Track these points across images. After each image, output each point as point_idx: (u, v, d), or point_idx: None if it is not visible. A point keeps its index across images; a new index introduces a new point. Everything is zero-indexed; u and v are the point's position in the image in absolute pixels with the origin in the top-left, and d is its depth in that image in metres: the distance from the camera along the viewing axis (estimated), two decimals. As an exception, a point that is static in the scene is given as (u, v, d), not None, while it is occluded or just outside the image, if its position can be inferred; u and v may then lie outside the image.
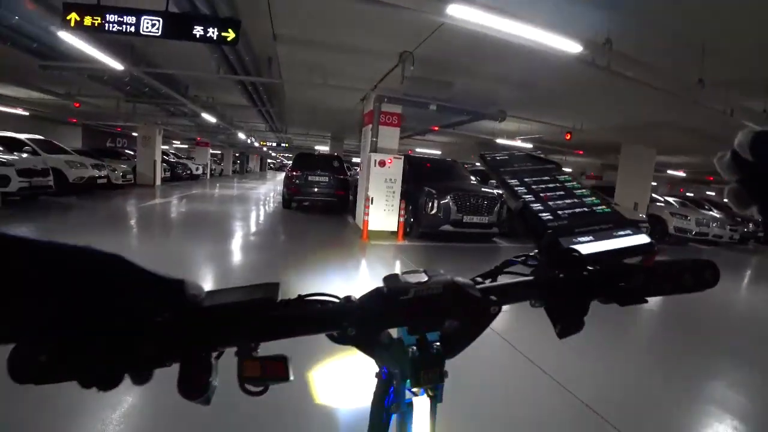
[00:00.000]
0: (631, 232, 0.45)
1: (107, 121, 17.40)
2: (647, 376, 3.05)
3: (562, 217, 0.46)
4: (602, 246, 0.43)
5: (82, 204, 9.66)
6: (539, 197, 0.49)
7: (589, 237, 0.44)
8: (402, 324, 0.42)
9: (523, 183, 0.51)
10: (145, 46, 7.20)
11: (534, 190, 0.50)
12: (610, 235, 0.45)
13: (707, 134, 9.41)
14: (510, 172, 0.53)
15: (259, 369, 0.38)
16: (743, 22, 4.26)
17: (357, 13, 4.72)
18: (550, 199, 0.49)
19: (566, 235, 0.43)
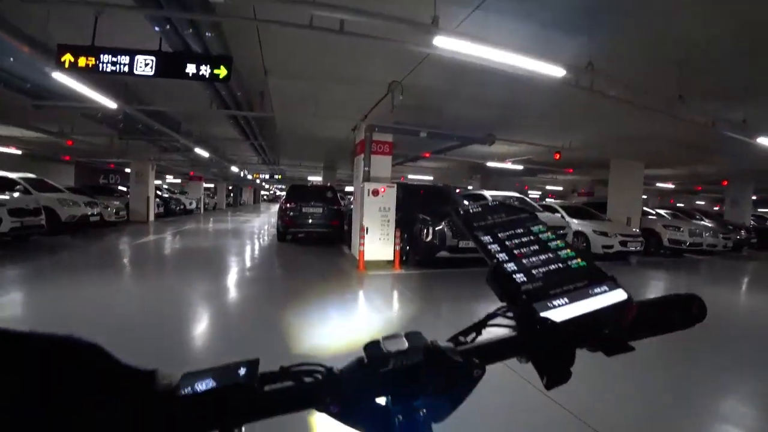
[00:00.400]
0: (607, 288, 0.44)
1: (100, 158, 17.47)
2: (657, 391, 3.00)
3: (536, 277, 0.45)
4: (578, 308, 0.42)
5: (74, 243, 9.57)
6: (513, 255, 0.48)
7: (564, 299, 0.42)
8: (385, 394, 0.41)
9: (497, 239, 0.50)
10: (137, 84, 7.32)
11: (507, 246, 0.49)
12: (586, 293, 0.43)
13: (692, 145, 9.64)
14: (483, 228, 0.52)
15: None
16: (713, 37, 4.44)
17: (345, 45, 4.85)
18: (524, 256, 0.48)
19: (541, 298, 0.42)
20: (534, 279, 0.44)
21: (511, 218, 0.54)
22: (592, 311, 0.42)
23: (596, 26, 4.34)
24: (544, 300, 0.42)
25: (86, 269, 6.83)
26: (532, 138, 10.53)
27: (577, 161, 14.02)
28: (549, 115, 8.19)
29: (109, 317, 4.22)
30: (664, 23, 4.24)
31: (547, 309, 0.41)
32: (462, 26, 4.21)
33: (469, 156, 13.47)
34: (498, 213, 0.55)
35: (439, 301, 5.78)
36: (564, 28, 4.36)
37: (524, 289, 0.43)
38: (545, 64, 4.26)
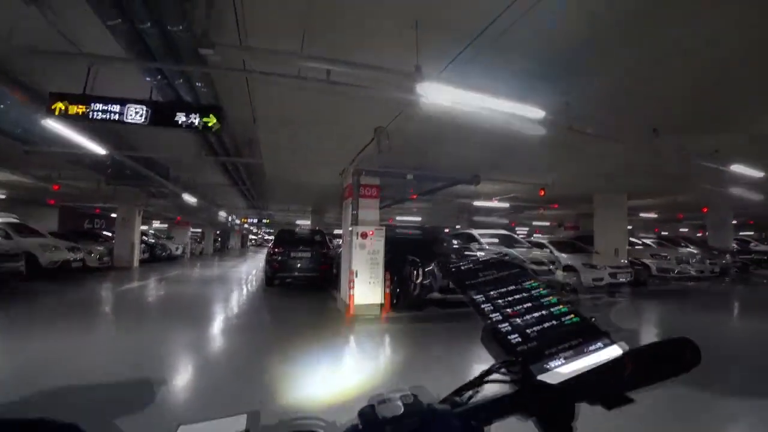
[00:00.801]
0: (602, 345, 0.44)
1: (86, 202, 17.33)
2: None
3: (531, 337, 0.45)
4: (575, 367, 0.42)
5: (51, 289, 9.29)
6: (506, 314, 0.48)
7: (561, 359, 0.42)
8: None
9: (489, 298, 0.50)
10: (128, 130, 7.41)
11: (500, 305, 0.49)
12: (581, 351, 0.43)
13: (670, 176, 9.95)
14: (475, 287, 0.52)
15: None
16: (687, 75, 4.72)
17: (333, 94, 5.02)
18: (518, 315, 0.48)
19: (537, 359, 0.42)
20: (529, 339, 0.44)
21: (503, 274, 0.54)
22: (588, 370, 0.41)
23: (572, 70, 4.59)
24: (540, 362, 0.42)
25: (59, 318, 6.58)
26: (517, 177, 10.78)
27: (562, 197, 14.31)
28: (532, 155, 8.44)
29: (76, 371, 4.03)
30: (635, 65, 4.51)
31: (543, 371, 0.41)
32: (444, 73, 4.41)
33: (456, 195, 13.67)
34: (489, 270, 0.55)
35: (433, 347, 5.64)
36: (541, 73, 4.59)
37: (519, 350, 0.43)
38: (525, 107, 4.46)
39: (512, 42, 4.00)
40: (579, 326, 0.46)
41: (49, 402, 3.08)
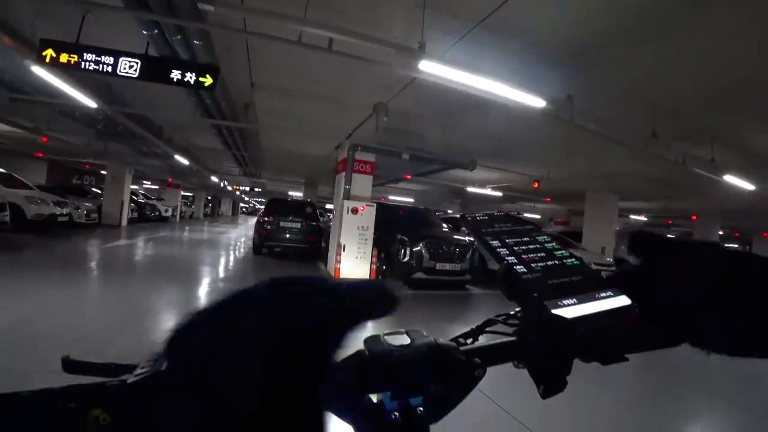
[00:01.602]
0: (612, 294, 0.45)
1: (76, 157, 17.01)
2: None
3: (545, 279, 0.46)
4: (585, 309, 0.42)
5: (37, 242, 9.19)
6: (522, 259, 0.48)
7: (573, 300, 0.43)
8: (384, 390, 0.39)
9: (505, 244, 0.50)
10: (121, 86, 7.22)
11: (516, 251, 0.49)
12: (592, 297, 0.44)
13: (664, 181, 10.04)
14: (491, 233, 0.52)
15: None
16: (686, 80, 4.71)
17: (333, 65, 4.93)
18: (533, 261, 0.48)
19: (550, 298, 0.43)
20: (543, 281, 0.45)
21: (517, 228, 0.54)
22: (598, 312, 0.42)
23: (577, 63, 4.55)
24: (553, 300, 0.42)
25: (44, 270, 6.54)
26: (513, 166, 10.78)
27: (555, 191, 14.40)
28: (530, 145, 8.43)
29: (61, 323, 4.04)
30: (640, 67, 4.48)
31: (557, 307, 0.41)
32: (448, 54, 4.34)
33: (450, 180, 13.66)
34: (504, 222, 0.55)
35: (415, 323, 5.68)
36: (546, 62, 4.55)
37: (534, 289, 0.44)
38: (527, 95, 4.41)
39: (519, 28, 3.94)
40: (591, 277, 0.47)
41: (27, 353, 3.08)
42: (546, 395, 0.41)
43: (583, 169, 10.50)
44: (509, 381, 0.39)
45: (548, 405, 0.55)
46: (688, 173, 7.42)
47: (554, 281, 0.45)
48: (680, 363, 4.02)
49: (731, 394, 3.80)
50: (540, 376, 0.41)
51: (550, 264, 0.48)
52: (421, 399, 0.40)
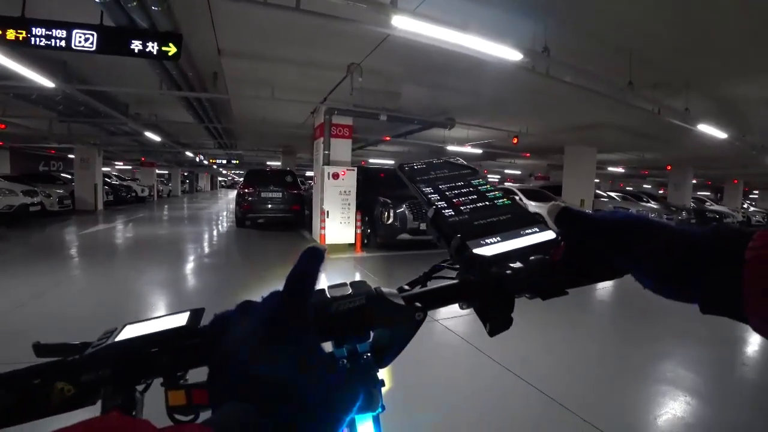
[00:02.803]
0: (537, 229, 0.46)
1: (39, 143, 16.22)
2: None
3: (471, 221, 0.46)
4: (509, 246, 0.43)
5: (10, 235, 8.90)
6: (452, 203, 0.49)
7: (496, 238, 0.44)
8: (328, 338, 0.41)
9: (438, 190, 0.51)
10: (78, 62, 6.80)
11: (447, 196, 0.50)
12: (517, 234, 0.45)
13: (640, 132, 10.17)
14: (425, 181, 0.54)
15: (185, 397, 0.38)
16: (661, 27, 4.67)
17: (302, 26, 4.71)
18: (462, 204, 0.49)
19: (474, 237, 0.44)
20: (469, 222, 0.46)
21: (453, 173, 0.56)
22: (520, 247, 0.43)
23: (552, 12, 4.44)
24: (477, 239, 0.43)
25: (22, 262, 6.39)
26: (491, 122, 10.73)
27: (534, 146, 14.46)
28: (508, 101, 8.36)
29: (46, 312, 4.00)
30: (615, 13, 4.40)
31: (479, 246, 0.42)
32: (421, 8, 4.18)
33: (430, 140, 13.56)
34: (441, 169, 0.57)
35: (401, 281, 5.80)
36: (521, 12, 4.43)
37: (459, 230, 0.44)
38: (503, 48, 4.32)
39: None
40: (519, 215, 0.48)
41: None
42: (493, 333, 0.42)
43: (561, 123, 10.53)
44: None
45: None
46: (663, 123, 7.50)
47: (481, 221, 0.46)
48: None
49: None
50: (484, 315, 0.43)
51: (480, 205, 0.49)
52: (368, 345, 0.42)
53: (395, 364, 0.43)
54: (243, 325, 0.36)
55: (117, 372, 0.37)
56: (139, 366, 0.38)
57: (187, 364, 0.39)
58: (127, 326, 0.42)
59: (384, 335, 0.43)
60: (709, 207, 18.33)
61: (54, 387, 0.35)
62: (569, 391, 2.65)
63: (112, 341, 0.39)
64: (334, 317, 0.40)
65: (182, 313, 0.43)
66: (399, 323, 0.43)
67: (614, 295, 5.21)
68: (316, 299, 0.41)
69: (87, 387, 0.36)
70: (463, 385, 2.77)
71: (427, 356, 3.09)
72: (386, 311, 0.42)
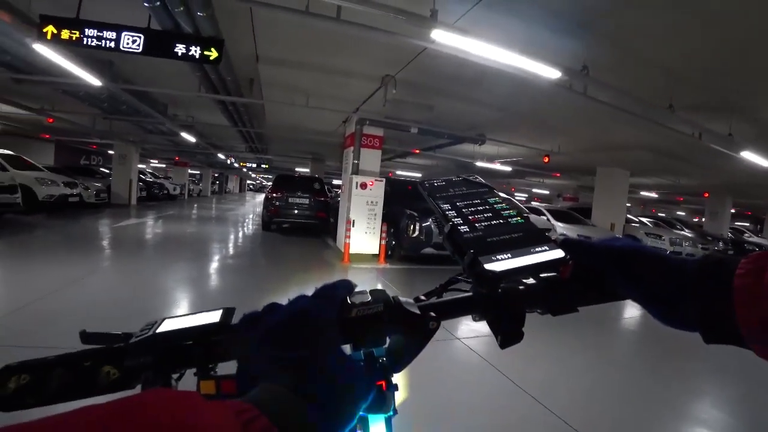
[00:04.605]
0: (547, 248, 0.47)
1: (82, 137, 16.97)
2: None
3: (485, 238, 0.48)
4: (519, 262, 0.45)
5: (50, 223, 9.29)
6: (467, 219, 0.51)
7: (507, 254, 0.46)
8: (346, 341, 0.44)
9: (455, 207, 0.54)
10: (124, 63, 7.09)
11: (463, 213, 0.53)
12: (527, 252, 0.46)
13: (677, 156, 9.81)
14: (444, 197, 0.57)
15: (214, 387, 0.42)
16: (706, 49, 4.50)
17: (340, 36, 4.76)
18: (478, 221, 0.51)
19: (486, 254, 0.45)
20: (482, 239, 0.48)
21: (471, 191, 0.58)
22: (530, 264, 0.45)
23: (593, 31, 4.34)
24: (489, 255, 0.45)
25: (60, 249, 6.63)
26: (523, 140, 10.57)
27: (565, 166, 14.17)
28: (541, 118, 8.23)
29: (81, 299, 4.10)
30: (656, 31, 4.27)
31: (491, 262, 0.44)
32: (460, 22, 4.17)
33: (458, 155, 13.48)
34: (459, 186, 0.60)
35: (425, 288, 5.72)
36: (562, 30, 4.35)
37: (472, 245, 0.46)
38: (541, 65, 4.25)
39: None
40: (531, 234, 0.50)
41: (48, 329, 3.12)
42: (504, 345, 0.44)
43: (594, 143, 10.28)
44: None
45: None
46: (703, 148, 7.20)
47: (494, 238, 0.48)
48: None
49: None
50: (497, 327, 0.45)
51: (495, 223, 0.51)
52: (384, 350, 0.46)
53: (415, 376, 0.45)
54: (271, 319, 0.39)
55: (157, 360, 0.41)
56: (177, 356, 0.42)
57: (218, 358, 0.43)
58: (166, 320, 0.46)
59: (399, 342, 0.46)
60: (747, 238, 17.47)
61: (101, 370, 0.40)
62: (591, 421, 2.51)
63: (154, 332, 0.43)
64: (354, 322, 0.43)
65: (215, 311, 0.46)
66: (414, 331, 0.45)
67: (643, 323, 4.97)
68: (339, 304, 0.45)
69: (129, 372, 0.40)
70: (479, 403, 2.66)
71: (445, 373, 3.01)
72: (402, 319, 0.44)
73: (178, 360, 0.42)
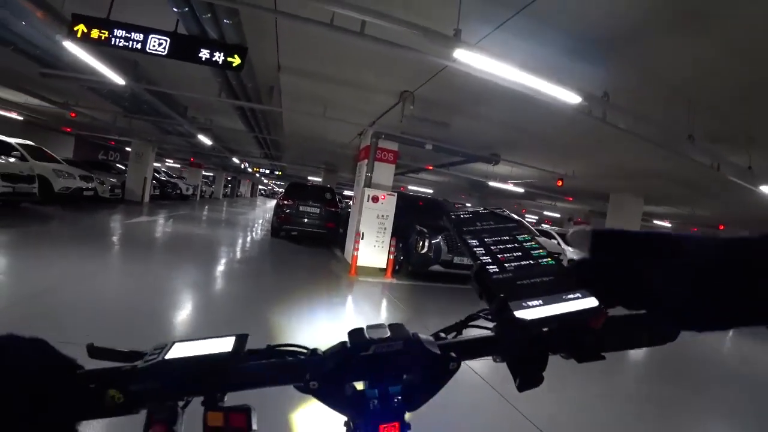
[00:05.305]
0: (580, 295, 0.44)
1: (102, 133, 17.30)
2: None
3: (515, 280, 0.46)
4: (550, 310, 0.42)
5: (64, 215, 9.42)
6: (496, 258, 0.49)
7: (539, 301, 0.43)
8: (363, 378, 0.44)
9: (483, 243, 0.51)
10: (148, 64, 7.24)
11: (492, 250, 0.50)
12: (559, 298, 0.44)
13: (693, 186, 9.66)
14: (471, 232, 0.54)
15: (222, 419, 0.40)
16: (728, 80, 4.45)
17: (363, 51, 4.81)
18: (507, 261, 0.48)
19: (517, 298, 0.43)
20: (512, 281, 0.45)
21: (499, 226, 0.56)
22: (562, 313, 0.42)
23: (615, 58, 4.33)
24: (519, 300, 0.43)
25: (71, 242, 6.70)
26: (537, 162, 10.52)
27: (578, 190, 14.07)
28: (556, 141, 8.18)
29: (88, 292, 4.11)
30: (680, 64, 4.24)
31: (521, 308, 0.42)
32: (482, 43, 4.18)
33: (471, 173, 13.46)
34: (487, 220, 0.57)
35: (427, 314, 5.69)
36: (583, 56, 4.34)
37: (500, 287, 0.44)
38: (562, 90, 4.23)
39: (560, 18, 3.75)
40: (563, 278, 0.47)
41: (51, 324, 3.12)
42: (522, 389, 0.42)
43: (609, 169, 10.18)
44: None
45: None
46: (721, 179, 7.08)
47: (524, 282, 0.46)
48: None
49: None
50: (517, 370, 0.43)
51: (525, 264, 0.49)
52: (399, 388, 0.44)
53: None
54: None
55: (164, 387, 0.40)
56: (184, 384, 0.40)
57: (228, 388, 0.42)
58: (177, 344, 0.44)
59: (416, 380, 0.45)
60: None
61: (107, 392, 0.38)
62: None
63: (162, 358, 0.41)
64: (371, 359, 0.42)
65: (228, 338, 0.44)
66: (432, 371, 0.44)
67: (660, 359, 4.84)
68: (355, 338, 0.43)
69: (135, 397, 0.39)
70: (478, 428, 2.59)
71: (446, 396, 2.93)
72: (421, 357, 0.43)
73: (186, 388, 0.41)
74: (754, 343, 6.59)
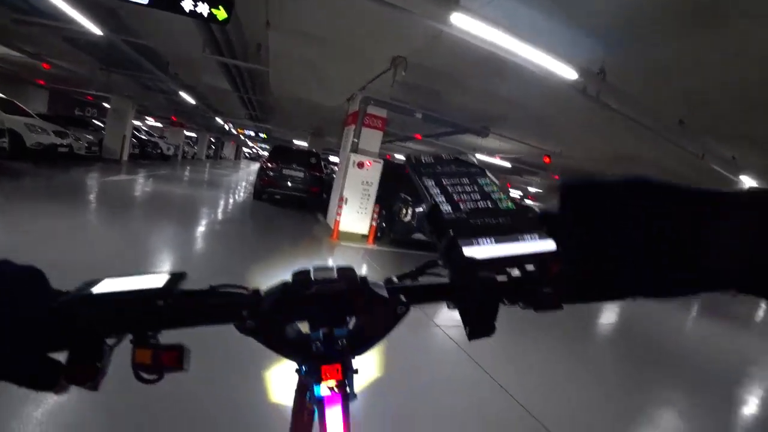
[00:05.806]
0: (537, 237, 0.43)
1: (78, 87, 16.52)
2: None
3: (468, 220, 0.45)
4: (503, 250, 0.42)
5: (37, 171, 9.06)
6: (452, 199, 0.47)
7: (491, 240, 0.42)
8: (304, 318, 0.42)
9: (441, 186, 0.50)
10: (129, 13, 6.83)
11: (448, 192, 0.49)
12: (514, 238, 0.43)
13: (678, 173, 9.83)
14: (429, 174, 0.52)
15: (150, 357, 0.38)
16: (725, 73, 4.44)
17: (356, 11, 4.61)
18: (462, 202, 0.47)
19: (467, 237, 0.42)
20: (465, 221, 0.45)
21: (461, 169, 0.54)
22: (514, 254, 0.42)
23: (616, 36, 4.25)
24: (471, 238, 0.42)
25: (43, 199, 6.45)
26: (526, 138, 10.51)
27: (565, 169, 14.17)
28: (547, 118, 8.14)
29: (57, 252, 3.99)
30: (679, 52, 4.20)
31: (470, 245, 0.41)
32: (481, 9, 4.04)
33: (460, 145, 13.40)
34: (448, 165, 0.55)
35: (409, 266, 5.76)
36: (586, 30, 4.25)
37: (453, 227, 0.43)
38: (559, 64, 4.16)
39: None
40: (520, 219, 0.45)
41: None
42: (472, 337, 0.42)
43: (597, 150, 10.23)
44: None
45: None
46: (705, 168, 7.20)
47: (478, 221, 0.44)
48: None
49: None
50: (467, 318, 0.42)
51: (482, 206, 0.47)
52: (345, 331, 0.42)
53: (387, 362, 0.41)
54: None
55: (89, 323, 0.37)
56: (108, 320, 0.38)
57: (158, 325, 0.39)
58: (107, 279, 0.41)
59: (362, 323, 0.43)
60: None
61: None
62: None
63: (89, 292, 0.39)
64: (312, 299, 0.40)
65: (162, 274, 0.42)
66: (379, 314, 0.43)
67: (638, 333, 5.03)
68: (298, 278, 0.42)
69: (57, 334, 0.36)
70: (448, 393, 2.66)
71: (421, 360, 3.01)
72: (367, 300, 0.42)
73: (113, 324, 0.38)
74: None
